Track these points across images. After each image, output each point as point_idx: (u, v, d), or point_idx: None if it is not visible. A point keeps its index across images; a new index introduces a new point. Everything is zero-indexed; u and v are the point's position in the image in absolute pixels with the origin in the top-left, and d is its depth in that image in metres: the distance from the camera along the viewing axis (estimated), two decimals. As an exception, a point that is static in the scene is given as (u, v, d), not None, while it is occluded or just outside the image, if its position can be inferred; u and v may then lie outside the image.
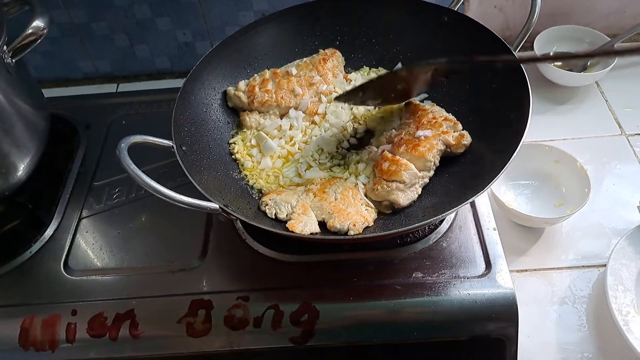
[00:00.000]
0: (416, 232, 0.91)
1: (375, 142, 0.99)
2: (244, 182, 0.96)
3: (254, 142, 1.00)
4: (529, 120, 0.81)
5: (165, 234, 0.96)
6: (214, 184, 0.89)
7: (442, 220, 0.92)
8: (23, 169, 0.97)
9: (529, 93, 0.84)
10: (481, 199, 0.96)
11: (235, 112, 1.06)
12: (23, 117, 0.97)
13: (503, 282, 0.83)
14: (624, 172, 1.15)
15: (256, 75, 1.07)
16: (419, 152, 0.88)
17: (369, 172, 0.92)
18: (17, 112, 0.95)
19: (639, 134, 1.22)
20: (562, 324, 0.94)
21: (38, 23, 0.95)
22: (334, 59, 1.09)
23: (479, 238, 0.90)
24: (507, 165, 0.76)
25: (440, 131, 0.92)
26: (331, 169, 0.96)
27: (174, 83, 1.42)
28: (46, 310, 0.85)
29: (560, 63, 1.34)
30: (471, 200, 0.76)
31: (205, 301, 0.84)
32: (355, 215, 0.83)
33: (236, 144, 1.01)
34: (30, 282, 0.90)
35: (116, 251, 0.94)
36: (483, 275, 0.84)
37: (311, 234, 0.82)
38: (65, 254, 0.94)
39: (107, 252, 0.94)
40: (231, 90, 1.05)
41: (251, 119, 1.03)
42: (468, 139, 0.92)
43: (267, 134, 1.00)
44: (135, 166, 0.74)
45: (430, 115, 0.95)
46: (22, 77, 0.99)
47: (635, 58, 1.37)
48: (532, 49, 1.30)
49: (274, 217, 0.86)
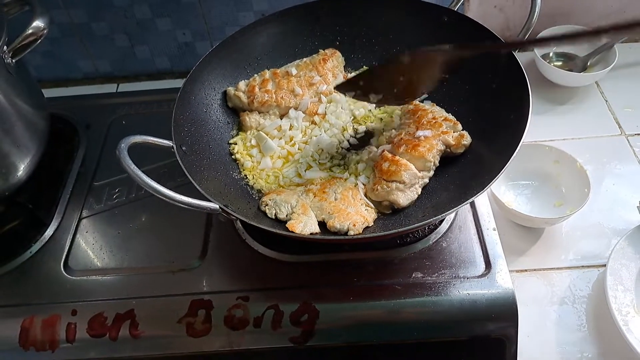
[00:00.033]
0: (416, 232, 0.91)
1: (375, 142, 0.99)
2: (244, 182, 0.96)
3: (254, 142, 1.00)
4: (528, 121, 0.81)
5: (165, 234, 0.96)
6: (214, 184, 0.89)
7: (442, 221, 0.92)
8: (23, 169, 0.97)
9: (528, 93, 0.84)
10: (481, 199, 0.96)
11: (235, 113, 1.06)
12: (23, 117, 0.97)
13: (503, 282, 0.83)
14: (623, 172, 1.15)
15: (256, 75, 1.07)
16: (419, 152, 0.88)
17: (369, 172, 0.92)
18: (17, 112, 0.95)
19: (638, 134, 1.22)
20: (562, 324, 0.94)
21: (38, 23, 0.95)
22: (334, 59, 1.09)
23: (479, 238, 0.90)
24: (506, 166, 0.76)
25: (440, 131, 0.92)
26: (331, 169, 0.96)
27: (174, 83, 1.42)
28: (46, 310, 0.85)
29: (560, 63, 1.35)
30: (471, 200, 0.76)
31: (205, 301, 0.84)
32: (355, 216, 0.83)
33: (236, 144, 1.01)
34: (30, 282, 0.90)
35: (116, 251, 0.94)
36: (483, 275, 0.84)
37: (311, 234, 0.82)
38: (65, 254, 0.94)
39: (107, 252, 0.94)
40: (231, 90, 1.05)
41: (251, 119, 1.03)
42: (468, 139, 0.92)
43: (267, 134, 1.00)
44: (135, 166, 0.74)
45: (430, 115, 0.95)
46: (22, 77, 0.99)
47: (636, 58, 1.37)
48: (532, 49, 1.30)
49: (274, 217, 0.86)
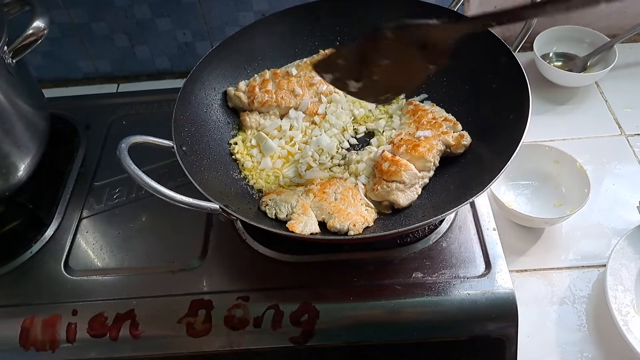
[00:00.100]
0: (416, 232, 0.91)
1: (375, 142, 0.99)
2: (244, 182, 0.96)
3: (254, 142, 1.00)
4: (528, 121, 0.81)
5: (165, 234, 0.96)
6: (214, 184, 0.89)
7: (442, 221, 0.92)
8: (23, 169, 0.97)
9: (528, 93, 0.84)
10: (481, 199, 0.96)
11: (236, 113, 1.06)
12: (23, 118, 0.97)
13: (503, 282, 0.83)
14: (623, 172, 1.15)
15: (256, 75, 1.07)
16: (419, 152, 0.88)
17: (369, 172, 0.92)
18: (17, 113, 0.95)
19: (638, 134, 1.22)
20: (562, 324, 0.94)
21: (38, 23, 0.95)
22: (334, 59, 1.09)
23: (479, 238, 0.90)
24: (506, 166, 0.76)
25: (440, 131, 0.92)
26: (331, 169, 0.96)
27: (174, 83, 1.42)
28: (47, 310, 0.85)
29: (560, 63, 1.35)
30: (471, 200, 0.76)
31: (205, 301, 0.84)
32: (355, 216, 0.83)
33: (236, 144, 1.01)
34: (30, 282, 0.90)
35: (116, 251, 0.94)
36: (483, 276, 0.84)
37: (311, 234, 0.82)
38: (65, 254, 0.94)
39: (107, 252, 0.94)
40: (231, 90, 1.05)
41: (251, 119, 1.03)
42: (468, 139, 0.92)
43: (267, 134, 1.00)
44: (136, 166, 0.74)
45: (430, 115, 0.95)
46: (23, 77, 0.99)
47: (636, 58, 1.37)
48: (532, 49, 1.30)
49: (274, 217, 0.86)
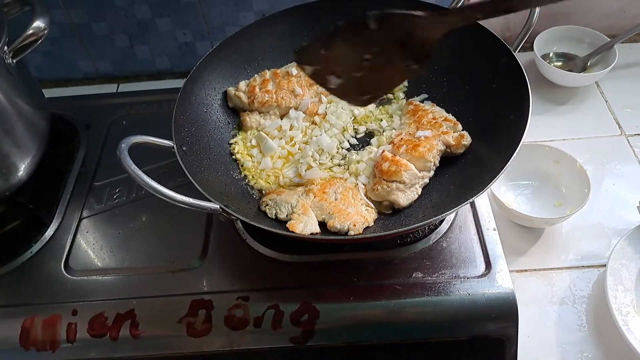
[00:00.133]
0: (416, 232, 0.91)
1: (376, 142, 0.99)
2: (244, 182, 0.96)
3: (254, 142, 1.00)
4: (528, 121, 0.81)
5: (165, 234, 0.96)
6: (214, 184, 0.89)
7: (442, 221, 0.92)
8: (24, 169, 0.97)
9: (528, 93, 0.84)
10: (481, 199, 0.96)
11: (236, 113, 1.06)
12: (24, 118, 0.97)
13: (503, 282, 0.83)
14: (623, 172, 1.15)
15: (256, 75, 1.07)
16: (419, 152, 0.88)
17: (369, 172, 0.92)
18: (17, 113, 0.95)
19: (638, 134, 1.22)
20: (562, 324, 0.94)
21: (38, 23, 0.95)
22: (334, 59, 1.09)
23: (479, 238, 0.90)
24: (507, 166, 0.76)
25: (440, 132, 0.92)
26: (331, 169, 0.96)
27: (174, 83, 1.42)
28: (47, 310, 0.85)
29: (560, 63, 1.35)
30: (471, 200, 0.76)
31: (205, 301, 0.84)
32: (356, 216, 0.83)
33: (236, 144, 1.01)
34: (30, 282, 0.90)
35: (117, 251, 0.94)
36: (483, 276, 0.84)
37: (311, 234, 0.82)
38: (65, 254, 0.94)
39: (107, 252, 0.94)
40: (231, 90, 1.05)
41: (251, 119, 1.03)
42: (468, 139, 0.92)
43: (268, 134, 1.00)
44: (136, 166, 0.74)
45: (430, 115, 0.95)
46: (23, 77, 0.99)
47: (636, 58, 1.37)
48: (532, 49, 1.30)
49: (274, 217, 0.86)
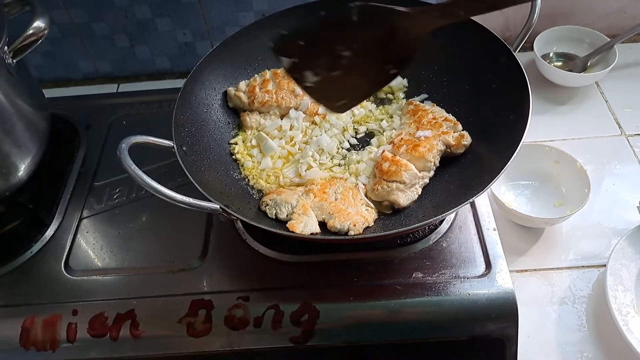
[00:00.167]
0: (416, 232, 0.91)
1: (376, 142, 0.99)
2: (244, 182, 0.96)
3: (254, 142, 1.00)
4: (528, 121, 0.81)
5: (165, 234, 0.96)
6: (215, 184, 0.89)
7: (442, 221, 0.92)
8: (24, 169, 0.97)
9: (529, 93, 0.84)
10: (481, 199, 0.96)
11: (236, 113, 1.06)
12: (24, 118, 0.97)
13: (503, 282, 0.83)
14: (623, 172, 1.15)
15: (256, 75, 1.07)
16: (419, 152, 0.88)
17: (369, 172, 0.92)
18: (18, 113, 0.95)
19: (638, 134, 1.22)
20: (562, 324, 0.94)
21: (39, 24, 0.95)
22: (334, 60, 1.09)
23: (479, 238, 0.90)
24: (507, 166, 0.76)
25: (440, 132, 0.92)
26: (331, 169, 0.96)
27: (174, 83, 1.42)
28: (47, 310, 0.85)
29: (560, 63, 1.35)
30: (471, 200, 0.76)
31: (205, 301, 0.84)
32: (356, 216, 0.84)
33: (237, 144, 1.01)
34: (31, 282, 0.90)
35: (117, 251, 0.94)
36: (483, 276, 0.84)
37: (311, 234, 0.82)
38: (66, 254, 0.94)
39: (107, 252, 0.94)
40: (232, 90, 1.05)
41: (251, 119, 1.03)
42: (468, 139, 0.92)
43: (268, 134, 1.00)
44: (136, 166, 0.74)
45: (431, 115, 0.95)
46: (23, 77, 0.99)
47: (636, 58, 1.37)
48: (532, 49, 1.30)
49: (274, 217, 0.86)
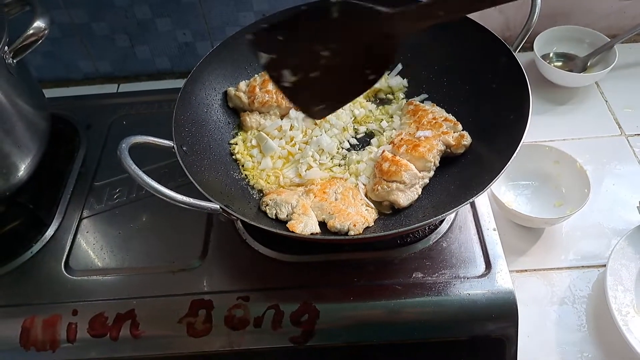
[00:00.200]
0: (416, 233, 0.91)
1: (376, 142, 0.99)
2: (244, 182, 0.96)
3: (254, 142, 1.00)
4: (528, 121, 0.81)
5: (165, 234, 0.96)
6: (215, 184, 0.89)
7: (442, 221, 0.92)
8: (24, 169, 0.97)
9: (528, 93, 0.84)
10: (481, 199, 0.96)
11: (236, 113, 1.06)
12: (24, 118, 0.97)
13: (503, 282, 0.83)
14: (623, 172, 1.15)
15: (257, 75, 1.07)
16: (419, 152, 0.88)
17: (369, 172, 0.92)
18: (18, 113, 0.95)
19: (638, 134, 1.22)
20: (562, 324, 0.94)
21: (39, 24, 0.95)
22: (334, 60, 1.09)
23: (479, 238, 0.90)
24: (507, 166, 0.76)
25: (440, 132, 0.92)
26: (331, 170, 0.96)
27: (174, 83, 1.42)
28: (47, 310, 0.85)
29: (560, 63, 1.35)
30: (471, 200, 0.76)
31: (205, 301, 0.84)
32: (356, 216, 0.84)
33: (237, 144, 1.01)
34: (31, 282, 0.90)
35: (117, 251, 0.94)
36: (483, 276, 0.84)
37: (311, 234, 0.82)
38: (66, 254, 0.94)
39: (107, 252, 0.94)
40: (232, 90, 1.05)
41: (252, 119, 1.03)
42: (468, 139, 0.92)
43: (268, 135, 1.00)
44: (136, 166, 0.74)
45: (430, 115, 0.95)
46: (23, 77, 0.99)
47: (636, 58, 1.37)
48: (532, 49, 1.30)
49: (274, 217, 0.86)
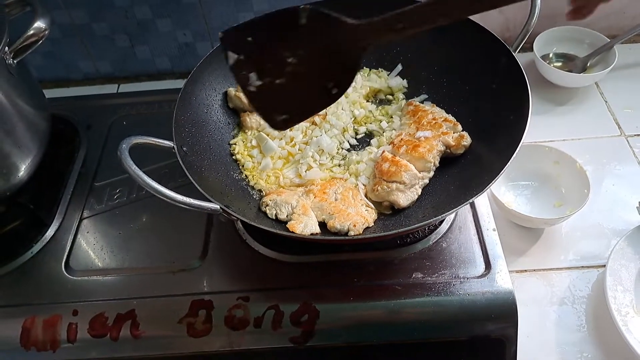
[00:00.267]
0: (416, 233, 0.91)
1: (376, 143, 0.99)
2: (244, 182, 0.96)
3: (254, 142, 1.00)
4: (528, 121, 0.81)
5: (165, 234, 0.96)
6: (215, 184, 0.89)
7: (442, 221, 0.93)
8: (24, 169, 0.98)
9: (528, 94, 0.84)
10: (481, 200, 0.96)
11: (236, 113, 1.06)
12: (24, 118, 0.97)
13: (503, 283, 0.83)
14: (623, 172, 1.15)
15: (257, 76, 1.08)
16: (419, 153, 0.88)
17: (369, 172, 0.92)
18: (18, 113, 0.95)
19: (638, 134, 1.22)
20: (562, 324, 0.94)
21: (39, 24, 0.95)
22: (334, 60, 1.09)
23: (479, 238, 0.90)
24: (506, 166, 0.76)
25: (440, 132, 0.92)
26: (331, 170, 0.96)
27: (174, 84, 1.42)
28: (47, 311, 0.85)
29: (560, 64, 1.35)
30: (471, 200, 0.76)
31: (205, 301, 0.84)
32: (356, 216, 0.84)
33: (237, 144, 1.01)
34: (31, 282, 0.90)
35: (117, 251, 0.94)
36: (483, 276, 0.85)
37: (311, 234, 0.82)
38: (66, 254, 0.94)
39: (108, 252, 0.94)
40: (232, 91, 1.05)
41: (252, 119, 1.03)
42: (468, 139, 0.92)
43: (268, 135, 1.00)
44: (136, 167, 0.74)
45: (430, 116, 0.95)
46: (24, 77, 0.99)
47: (635, 59, 1.37)
48: (532, 49, 1.31)
49: (274, 217, 0.86)
